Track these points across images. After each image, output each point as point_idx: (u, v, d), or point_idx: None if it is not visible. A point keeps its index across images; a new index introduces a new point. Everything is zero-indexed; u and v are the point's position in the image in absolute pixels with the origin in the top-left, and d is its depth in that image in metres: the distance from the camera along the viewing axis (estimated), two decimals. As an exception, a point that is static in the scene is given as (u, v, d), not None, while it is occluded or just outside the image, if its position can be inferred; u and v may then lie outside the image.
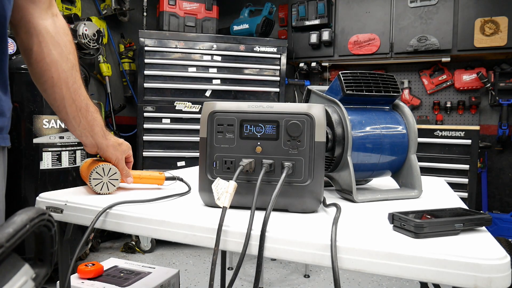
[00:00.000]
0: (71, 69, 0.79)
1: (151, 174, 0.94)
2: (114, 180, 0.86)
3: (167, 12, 3.05)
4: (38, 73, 0.79)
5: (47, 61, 0.77)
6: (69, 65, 0.79)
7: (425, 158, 2.74)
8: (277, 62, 3.10)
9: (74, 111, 0.81)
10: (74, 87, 0.80)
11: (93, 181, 0.84)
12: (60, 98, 0.80)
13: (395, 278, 2.52)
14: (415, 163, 0.89)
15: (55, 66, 0.77)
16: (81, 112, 0.81)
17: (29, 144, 2.13)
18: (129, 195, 0.86)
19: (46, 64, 0.77)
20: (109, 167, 0.85)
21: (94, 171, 0.84)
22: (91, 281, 1.28)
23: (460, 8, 2.89)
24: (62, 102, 0.80)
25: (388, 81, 0.92)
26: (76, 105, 0.80)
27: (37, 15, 0.77)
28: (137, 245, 2.97)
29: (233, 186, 0.65)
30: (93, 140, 0.84)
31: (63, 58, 0.78)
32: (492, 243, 0.54)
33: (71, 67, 0.80)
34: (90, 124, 0.83)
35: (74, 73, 0.80)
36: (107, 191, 0.85)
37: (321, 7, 3.25)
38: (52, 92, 0.79)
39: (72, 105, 0.80)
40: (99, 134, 0.84)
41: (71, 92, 0.79)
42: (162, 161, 2.99)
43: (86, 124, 0.82)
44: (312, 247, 0.56)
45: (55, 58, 0.77)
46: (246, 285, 2.44)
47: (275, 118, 0.71)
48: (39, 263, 0.36)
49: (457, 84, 3.12)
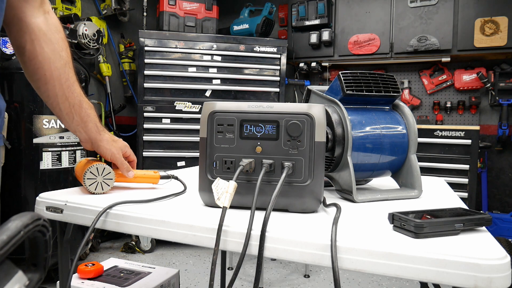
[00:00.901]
0: (64, 66, 0.80)
1: (146, 173, 0.93)
2: (109, 179, 0.85)
3: (167, 12, 3.05)
4: (31, 71, 0.79)
5: (39, 59, 0.77)
6: (62, 62, 0.79)
7: (425, 158, 2.74)
8: (277, 62, 3.10)
9: (67, 108, 0.81)
10: (67, 84, 0.80)
11: (87, 180, 0.83)
12: (53, 95, 0.80)
13: (395, 278, 2.51)
14: (415, 163, 0.89)
15: (47, 64, 0.78)
16: (74, 108, 0.82)
17: (29, 144, 2.13)
18: (125, 195, 0.85)
19: (38, 62, 0.78)
20: (103, 167, 0.84)
21: (88, 171, 0.83)
22: (91, 281, 1.28)
23: (460, 8, 2.89)
24: (56, 99, 0.80)
25: (388, 81, 0.92)
26: (69, 102, 0.81)
27: (29, 13, 0.77)
28: (137, 245, 2.97)
29: (233, 186, 0.65)
30: (86, 136, 0.85)
31: (56, 56, 0.79)
32: (492, 243, 0.54)
33: (64, 64, 0.80)
34: (83, 120, 0.83)
35: (67, 70, 0.80)
36: (101, 190, 0.85)
37: (321, 7, 3.25)
38: (46, 90, 0.80)
39: (65, 102, 0.81)
40: (93, 130, 0.85)
41: (64, 89, 0.80)
42: (162, 161, 2.99)
43: (79, 120, 0.83)
44: (312, 247, 0.56)
45: (47, 56, 0.78)
46: (246, 285, 2.44)
47: (275, 118, 0.71)
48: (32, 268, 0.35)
49: (457, 84, 3.12)
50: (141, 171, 0.94)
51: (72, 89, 0.81)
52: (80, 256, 2.63)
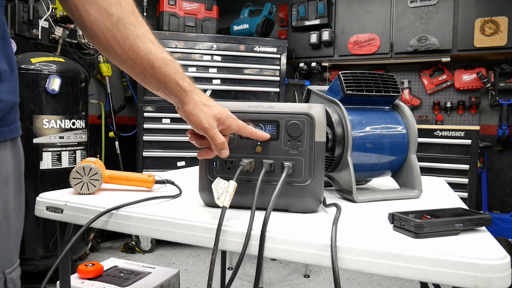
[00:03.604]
0: (117, 23, 0.66)
1: (139, 176, 0.90)
2: (95, 180, 0.83)
3: (167, 12, 3.05)
4: (91, 41, 0.69)
5: (88, 25, 0.67)
6: (114, 19, 0.66)
7: (425, 158, 2.74)
8: (277, 62, 3.10)
9: (140, 73, 0.68)
10: (127, 44, 0.66)
11: (73, 180, 0.82)
12: (120, 62, 0.68)
13: (395, 278, 2.51)
14: (415, 163, 0.89)
15: (98, 27, 0.66)
16: (146, 71, 0.67)
17: (29, 144, 2.13)
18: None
19: (89, 28, 0.67)
20: (89, 167, 0.83)
21: (74, 170, 0.82)
22: (91, 281, 1.28)
23: (460, 8, 2.89)
24: (125, 66, 0.69)
25: (388, 81, 0.92)
26: (137, 65, 0.67)
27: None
28: (137, 245, 2.97)
29: (233, 186, 0.65)
30: (173, 101, 0.70)
31: (104, 15, 0.66)
32: (492, 243, 0.54)
33: (117, 20, 0.66)
34: (161, 82, 0.68)
35: (122, 27, 0.66)
36: (87, 191, 0.83)
37: (321, 7, 3.25)
38: (112, 58, 0.69)
39: (134, 67, 0.68)
40: (175, 91, 0.68)
41: (126, 52, 0.66)
42: (162, 161, 2.99)
43: (157, 84, 0.68)
44: (312, 247, 0.56)
45: (94, 19, 0.66)
46: (246, 285, 2.44)
47: (275, 118, 0.71)
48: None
49: (457, 84, 3.12)
50: (135, 174, 0.90)
51: (135, 49, 0.66)
52: (80, 256, 2.63)
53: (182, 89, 0.68)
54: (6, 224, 0.67)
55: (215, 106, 0.68)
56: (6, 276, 0.66)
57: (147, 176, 0.90)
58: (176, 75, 0.67)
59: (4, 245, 0.66)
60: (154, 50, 0.67)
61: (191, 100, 0.68)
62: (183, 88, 0.68)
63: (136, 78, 0.70)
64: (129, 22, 0.66)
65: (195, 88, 0.69)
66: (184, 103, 0.68)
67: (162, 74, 0.67)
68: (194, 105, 0.67)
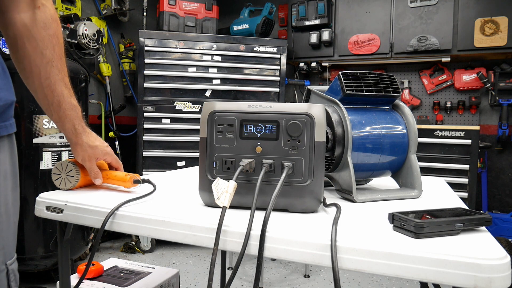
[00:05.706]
0: (45, 64, 0.78)
1: (117, 175, 0.92)
2: (70, 177, 0.88)
3: (167, 12, 3.05)
4: (15, 62, 0.80)
5: (20, 53, 0.77)
6: (44, 60, 0.77)
7: (425, 158, 2.74)
8: (277, 62, 3.10)
9: (46, 105, 0.82)
10: (47, 83, 0.79)
11: (53, 175, 0.88)
12: (33, 90, 0.81)
13: (395, 278, 2.51)
14: (415, 163, 0.89)
15: (28, 60, 0.77)
16: (52, 107, 0.81)
17: (29, 144, 2.13)
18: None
19: (20, 56, 0.78)
20: (66, 164, 0.88)
21: (55, 167, 0.89)
22: (91, 281, 1.28)
23: (460, 8, 2.89)
24: (36, 94, 0.81)
25: (388, 81, 0.92)
26: (47, 100, 0.81)
27: (14, 8, 0.74)
28: (137, 245, 2.97)
29: (233, 186, 0.65)
30: (66, 136, 0.87)
31: (37, 53, 0.77)
32: (492, 243, 0.54)
33: (46, 62, 0.78)
34: (61, 119, 0.83)
35: (49, 68, 0.78)
36: (65, 187, 0.88)
37: (321, 7, 3.25)
38: (27, 83, 0.81)
39: (44, 99, 0.81)
40: (70, 131, 0.85)
41: (43, 87, 0.79)
42: (162, 161, 2.99)
43: (57, 118, 0.83)
44: (312, 247, 0.56)
45: (28, 53, 0.77)
46: (246, 285, 2.44)
47: (275, 118, 0.71)
48: None
49: (457, 84, 3.12)
50: (114, 172, 0.92)
51: (52, 88, 0.80)
52: (80, 256, 2.63)
53: (75, 130, 0.85)
54: (7, 217, 0.72)
55: (98, 147, 0.88)
56: (8, 267, 0.72)
57: (124, 175, 0.91)
58: (75, 119, 0.84)
59: (5, 238, 0.72)
60: (66, 94, 0.82)
61: (79, 141, 0.86)
62: (76, 130, 0.85)
63: (41, 106, 0.83)
64: (56, 66, 0.79)
65: (86, 131, 0.87)
66: (74, 142, 0.86)
67: (64, 115, 0.83)
68: (80, 145, 0.86)
